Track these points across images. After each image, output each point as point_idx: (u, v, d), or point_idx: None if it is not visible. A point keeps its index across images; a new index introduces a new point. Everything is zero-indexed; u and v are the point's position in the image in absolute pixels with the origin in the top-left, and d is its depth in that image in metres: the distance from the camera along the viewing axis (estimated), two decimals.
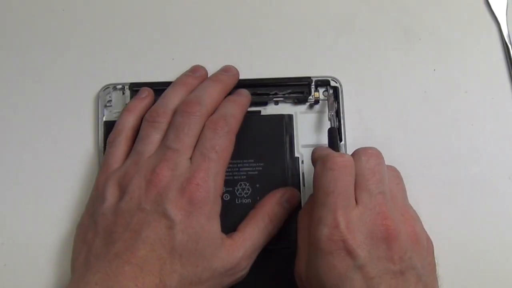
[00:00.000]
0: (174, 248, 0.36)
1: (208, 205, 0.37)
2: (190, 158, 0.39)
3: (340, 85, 0.46)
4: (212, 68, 0.46)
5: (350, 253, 0.34)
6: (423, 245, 0.36)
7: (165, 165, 0.38)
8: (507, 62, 0.48)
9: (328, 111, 0.45)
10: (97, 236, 0.38)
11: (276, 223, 0.41)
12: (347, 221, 0.34)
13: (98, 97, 0.46)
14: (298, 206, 0.43)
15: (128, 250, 0.36)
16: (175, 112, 0.40)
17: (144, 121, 0.41)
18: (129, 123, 0.42)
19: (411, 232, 0.36)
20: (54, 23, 0.48)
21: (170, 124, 0.40)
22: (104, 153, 0.43)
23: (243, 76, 0.45)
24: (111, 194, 0.39)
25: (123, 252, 0.36)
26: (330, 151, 0.39)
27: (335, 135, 0.42)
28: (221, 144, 0.39)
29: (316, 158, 0.38)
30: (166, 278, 0.35)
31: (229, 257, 0.38)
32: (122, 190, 0.38)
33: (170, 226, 0.36)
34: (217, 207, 0.38)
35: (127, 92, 0.46)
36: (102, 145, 0.44)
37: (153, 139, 0.40)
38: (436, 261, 0.37)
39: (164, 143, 0.39)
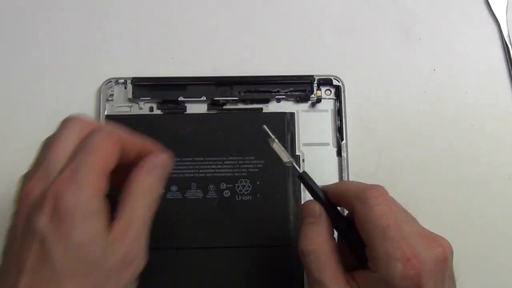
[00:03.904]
0: (54, 266, 0.32)
1: (79, 209, 0.33)
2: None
3: (343, 84, 0.46)
4: (213, 67, 0.46)
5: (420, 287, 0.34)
6: None
7: (33, 179, 0.34)
8: (507, 62, 0.48)
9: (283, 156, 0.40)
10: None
11: (155, 192, 0.37)
12: (414, 252, 0.34)
13: (100, 91, 0.46)
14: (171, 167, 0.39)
15: (14, 280, 0.32)
16: None
17: None
18: None
19: (449, 251, 0.36)
20: (57, 18, 0.48)
21: None
22: None
23: (245, 73, 0.46)
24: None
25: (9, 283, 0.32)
26: (356, 185, 0.37)
27: (309, 180, 0.38)
28: (89, 147, 0.35)
29: (349, 197, 0.36)
30: None
31: (115, 252, 0.35)
32: None
33: (42, 241, 0.32)
34: (91, 207, 0.34)
35: (129, 87, 0.46)
36: None
37: None
38: None
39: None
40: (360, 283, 0.35)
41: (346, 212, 0.37)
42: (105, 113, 0.45)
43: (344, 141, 0.45)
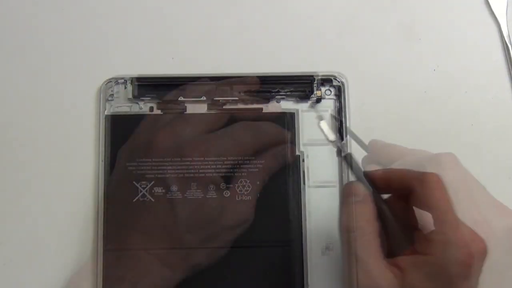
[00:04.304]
0: None
1: None
2: None
3: (343, 84, 0.46)
4: (213, 67, 0.46)
5: (468, 276, 0.34)
6: None
7: None
8: (507, 62, 0.48)
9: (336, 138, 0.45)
10: None
11: None
12: (469, 240, 0.35)
13: (100, 91, 0.46)
14: None
15: None
16: None
17: None
18: None
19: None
20: (57, 18, 0.48)
21: None
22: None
23: (246, 73, 0.46)
24: None
25: None
26: (411, 170, 0.38)
27: (353, 162, 0.42)
28: None
29: (406, 179, 0.38)
30: None
31: None
32: None
33: None
34: None
35: (129, 86, 0.46)
36: (104, 139, 0.44)
37: None
38: None
39: None
40: (406, 267, 0.35)
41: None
42: (105, 113, 0.45)
43: (344, 141, 0.45)
